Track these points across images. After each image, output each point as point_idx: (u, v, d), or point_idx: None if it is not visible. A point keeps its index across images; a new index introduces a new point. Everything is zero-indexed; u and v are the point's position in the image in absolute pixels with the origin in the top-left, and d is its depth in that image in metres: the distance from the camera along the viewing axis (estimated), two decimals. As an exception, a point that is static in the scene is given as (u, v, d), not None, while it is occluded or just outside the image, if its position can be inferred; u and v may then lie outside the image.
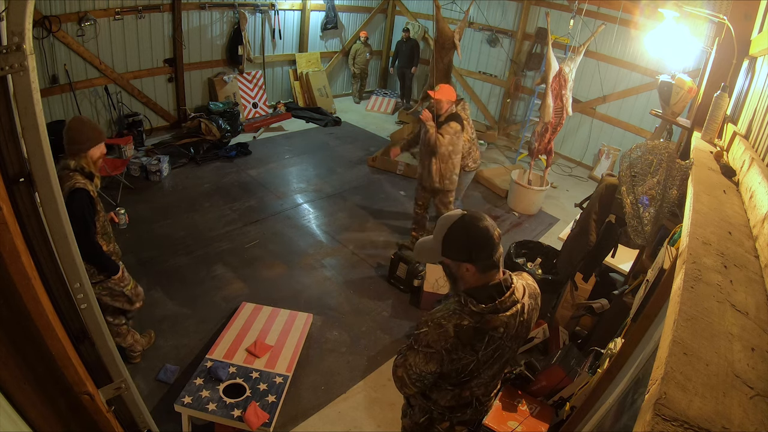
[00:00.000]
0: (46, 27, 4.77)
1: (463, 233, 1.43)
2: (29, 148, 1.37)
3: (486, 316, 1.44)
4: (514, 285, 1.50)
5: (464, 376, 1.55)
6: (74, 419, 1.59)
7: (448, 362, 1.47)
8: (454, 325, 1.44)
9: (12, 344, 1.34)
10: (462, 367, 1.50)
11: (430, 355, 1.47)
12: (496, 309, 1.44)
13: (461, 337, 1.44)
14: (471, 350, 1.47)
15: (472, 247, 1.42)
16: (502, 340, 1.50)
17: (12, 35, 1.20)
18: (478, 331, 1.45)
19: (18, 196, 1.41)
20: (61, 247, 1.54)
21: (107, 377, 1.86)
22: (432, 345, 1.45)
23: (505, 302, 1.46)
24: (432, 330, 1.46)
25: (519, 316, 1.50)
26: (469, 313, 1.44)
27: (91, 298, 1.70)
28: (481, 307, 1.43)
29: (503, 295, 1.45)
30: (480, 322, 1.44)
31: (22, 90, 1.28)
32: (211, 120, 6.19)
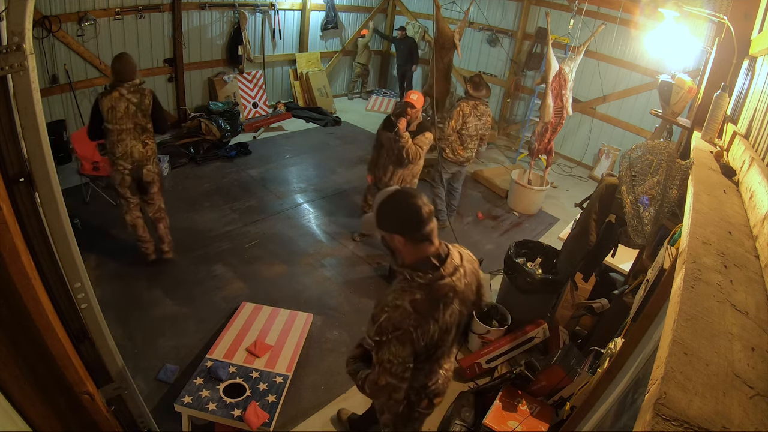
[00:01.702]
0: (46, 27, 4.77)
1: (393, 207, 1.56)
2: (29, 148, 1.37)
3: (434, 284, 1.54)
4: (450, 252, 1.62)
5: (432, 349, 1.64)
6: (74, 419, 1.59)
7: (418, 338, 1.53)
8: (410, 301, 1.51)
9: (12, 344, 1.34)
10: (431, 339, 1.58)
11: (402, 337, 1.51)
12: (442, 276, 1.55)
13: (420, 311, 1.52)
14: (433, 321, 1.56)
15: (400, 220, 1.55)
16: (454, 306, 1.62)
17: (12, 35, 1.21)
18: (433, 301, 1.55)
19: (18, 196, 1.41)
20: (61, 247, 1.54)
21: (107, 377, 1.86)
22: (399, 326, 1.50)
23: (448, 268, 1.57)
24: (392, 313, 1.51)
25: (463, 279, 1.63)
26: (417, 286, 1.54)
27: (91, 298, 1.70)
28: (428, 277, 1.54)
29: (443, 263, 1.56)
30: (431, 292, 1.54)
31: (22, 90, 1.28)
32: (211, 120, 6.20)
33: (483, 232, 5.19)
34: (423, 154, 3.85)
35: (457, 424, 2.71)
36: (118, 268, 3.86)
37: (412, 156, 3.77)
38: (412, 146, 3.73)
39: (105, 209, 4.62)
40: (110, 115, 3.27)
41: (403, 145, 3.71)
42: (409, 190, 1.58)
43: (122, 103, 3.27)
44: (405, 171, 3.93)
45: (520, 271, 3.40)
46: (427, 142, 3.80)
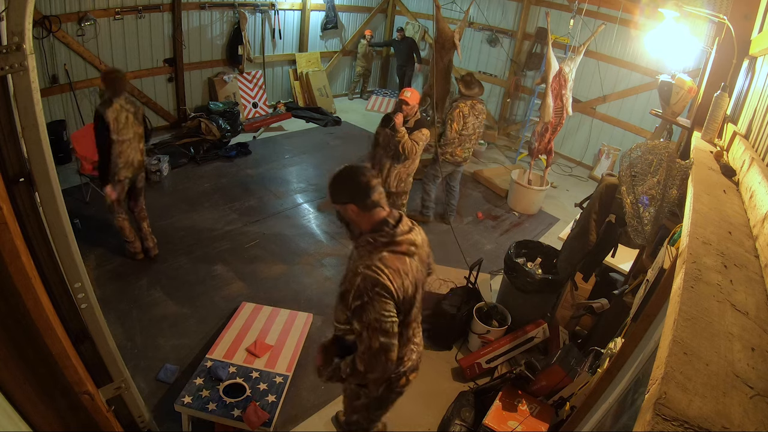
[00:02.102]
0: (46, 27, 4.77)
1: (341, 179, 1.71)
2: (29, 148, 1.37)
3: (396, 239, 1.66)
4: (403, 215, 1.76)
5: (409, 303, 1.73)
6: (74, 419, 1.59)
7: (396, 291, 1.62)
8: (379, 259, 1.62)
9: (12, 344, 1.34)
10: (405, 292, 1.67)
11: (383, 292, 1.59)
12: (400, 232, 1.68)
13: (390, 265, 1.62)
14: (404, 273, 1.66)
15: (350, 190, 1.68)
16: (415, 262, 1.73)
17: (12, 35, 1.21)
18: (399, 255, 1.66)
19: (18, 196, 1.41)
20: (61, 247, 1.54)
21: (107, 377, 1.86)
22: (377, 282, 1.59)
23: (404, 226, 1.71)
24: (366, 272, 1.60)
25: (419, 235, 1.78)
26: (382, 245, 1.65)
27: (91, 298, 1.70)
28: (389, 234, 1.66)
29: (399, 223, 1.70)
30: (395, 247, 1.66)
31: (22, 90, 1.28)
32: (211, 120, 6.19)
33: (483, 232, 5.19)
34: (419, 150, 3.87)
35: (457, 424, 2.71)
36: (118, 268, 3.86)
37: (408, 151, 3.80)
38: (408, 141, 3.77)
39: (105, 209, 4.61)
40: (115, 126, 3.36)
41: (399, 139, 3.75)
42: (353, 165, 1.73)
43: (123, 114, 3.38)
44: (401, 168, 3.94)
45: (520, 271, 3.40)
46: (423, 139, 3.83)
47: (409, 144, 3.78)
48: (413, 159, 3.93)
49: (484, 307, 3.52)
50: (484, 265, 3.89)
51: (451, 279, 3.90)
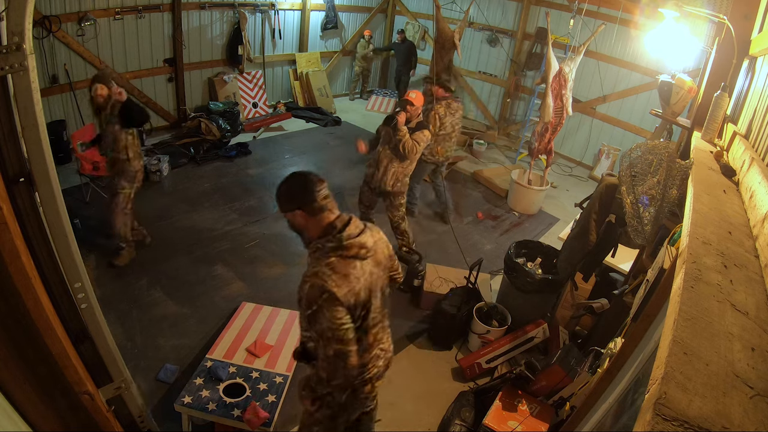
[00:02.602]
0: (46, 27, 4.77)
1: (286, 186, 1.70)
2: (29, 148, 1.37)
3: (343, 243, 1.63)
4: (352, 218, 1.73)
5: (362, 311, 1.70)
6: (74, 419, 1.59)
7: (344, 296, 1.59)
8: (326, 264, 1.61)
9: (12, 344, 1.34)
10: (356, 297, 1.64)
11: (330, 300, 1.56)
12: (349, 235, 1.65)
13: (338, 270, 1.61)
14: (354, 278, 1.64)
15: (295, 195, 1.67)
16: (369, 265, 1.71)
17: (12, 35, 1.21)
18: (348, 259, 1.64)
19: (18, 196, 1.41)
20: (61, 247, 1.54)
21: (107, 377, 1.86)
22: (325, 289, 1.56)
23: (353, 228, 1.68)
24: (313, 279, 1.58)
25: (372, 237, 1.74)
26: (330, 250, 1.63)
27: (91, 298, 1.70)
28: (336, 238, 1.63)
29: (347, 225, 1.67)
30: (343, 252, 1.63)
31: (22, 90, 1.28)
32: (211, 120, 6.20)
33: (483, 232, 5.19)
34: (419, 151, 3.88)
35: (457, 424, 2.71)
36: (118, 268, 3.86)
37: (409, 150, 3.81)
38: (409, 140, 3.78)
39: (105, 209, 4.62)
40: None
41: (400, 138, 3.76)
42: (300, 172, 1.71)
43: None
44: (398, 168, 3.94)
45: (520, 271, 3.40)
46: (424, 140, 3.84)
47: (410, 143, 3.79)
48: (412, 159, 3.94)
49: (484, 307, 3.52)
50: (484, 265, 3.89)
51: (451, 279, 3.90)
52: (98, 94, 3.45)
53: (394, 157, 3.90)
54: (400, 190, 4.06)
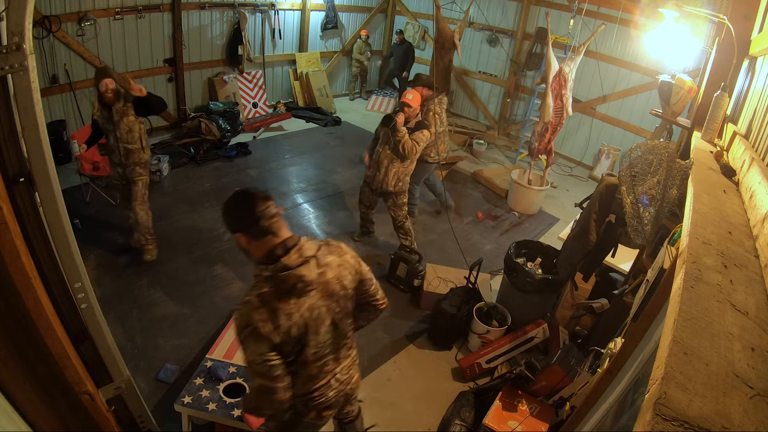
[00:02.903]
0: (46, 27, 4.77)
1: (229, 207, 1.55)
2: (29, 148, 1.37)
3: (278, 275, 1.49)
4: (300, 244, 1.56)
5: (294, 345, 1.58)
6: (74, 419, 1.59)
7: (270, 333, 1.49)
8: (257, 295, 1.50)
9: (12, 344, 1.34)
10: (286, 334, 1.53)
11: (254, 333, 1.48)
12: (285, 267, 1.50)
13: (268, 304, 1.49)
14: (284, 314, 1.51)
15: (236, 218, 1.55)
16: (311, 299, 1.57)
17: (12, 35, 1.21)
18: (280, 293, 1.51)
19: (18, 196, 1.41)
20: (61, 247, 1.54)
21: (107, 377, 1.86)
22: (249, 322, 1.48)
23: (292, 258, 1.52)
24: (243, 309, 1.51)
25: (318, 268, 1.58)
26: (264, 279, 1.51)
27: (91, 298, 1.70)
28: (271, 269, 1.50)
29: (287, 253, 1.52)
30: (277, 284, 1.50)
31: (22, 90, 1.28)
32: (211, 120, 6.20)
33: (483, 232, 5.19)
34: (419, 150, 3.88)
35: (457, 424, 2.71)
36: (118, 268, 3.86)
37: (409, 151, 3.81)
38: (408, 141, 3.78)
39: (105, 209, 4.62)
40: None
41: (399, 139, 3.76)
42: (245, 189, 1.57)
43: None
44: (400, 168, 3.94)
45: (520, 271, 3.40)
46: (424, 139, 3.85)
47: (409, 144, 3.79)
48: (412, 159, 3.94)
49: (484, 307, 3.52)
50: (484, 265, 3.89)
51: (451, 279, 3.90)
52: (109, 89, 3.44)
53: (394, 158, 3.90)
54: (401, 189, 4.06)
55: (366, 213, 4.46)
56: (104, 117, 3.56)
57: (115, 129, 3.56)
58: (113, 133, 3.58)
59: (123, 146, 3.61)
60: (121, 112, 3.54)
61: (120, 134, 3.58)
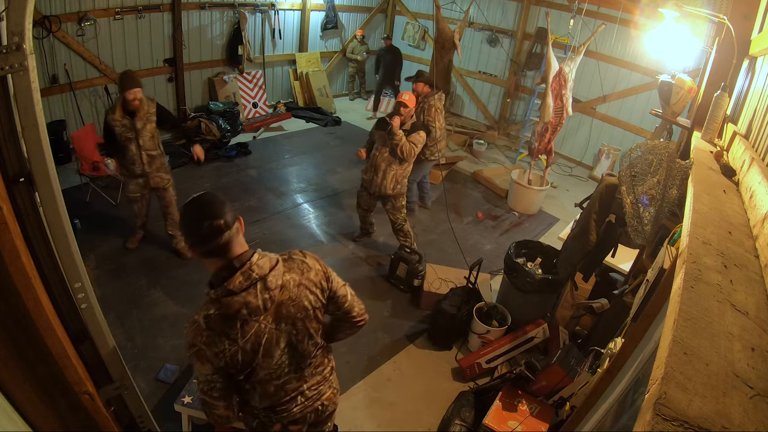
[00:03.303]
0: (46, 27, 4.77)
1: (183, 213, 1.40)
2: (29, 148, 1.37)
3: (222, 300, 1.38)
4: (251, 263, 1.42)
5: (242, 368, 1.50)
6: (74, 419, 1.59)
7: (214, 357, 1.42)
8: (204, 317, 1.42)
9: (12, 344, 1.34)
10: (231, 359, 1.45)
11: (198, 354, 1.43)
12: (228, 291, 1.38)
13: (213, 327, 1.41)
14: (228, 339, 1.42)
15: (184, 231, 1.41)
16: (258, 324, 1.45)
17: (12, 35, 1.21)
18: (225, 318, 1.40)
19: (18, 196, 1.41)
20: (61, 247, 1.54)
21: (107, 377, 1.86)
22: (194, 342, 1.42)
23: (236, 282, 1.38)
24: (189, 328, 1.44)
25: (264, 294, 1.42)
26: (211, 301, 1.42)
27: (91, 298, 1.70)
28: (215, 292, 1.40)
29: (232, 276, 1.38)
30: (221, 308, 1.40)
31: (22, 90, 1.28)
32: (211, 120, 6.20)
33: (483, 232, 5.19)
34: (417, 152, 3.87)
35: (457, 424, 2.71)
36: (118, 268, 3.86)
37: (407, 153, 3.79)
38: (406, 143, 3.76)
39: (105, 209, 4.62)
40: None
41: (397, 142, 3.74)
42: (203, 196, 1.40)
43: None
44: (398, 170, 3.92)
45: (520, 271, 3.40)
46: (420, 141, 3.83)
47: (407, 146, 3.77)
48: (410, 161, 3.93)
49: (484, 307, 3.52)
50: (484, 265, 3.89)
51: (451, 279, 3.90)
52: (137, 99, 3.33)
53: (392, 160, 3.88)
54: (400, 191, 4.05)
55: (365, 216, 4.44)
56: (125, 125, 3.39)
57: (137, 137, 3.43)
58: (135, 141, 3.43)
59: (147, 154, 3.49)
60: (145, 118, 3.43)
61: (143, 142, 3.45)
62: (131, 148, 3.45)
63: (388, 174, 3.92)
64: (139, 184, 3.64)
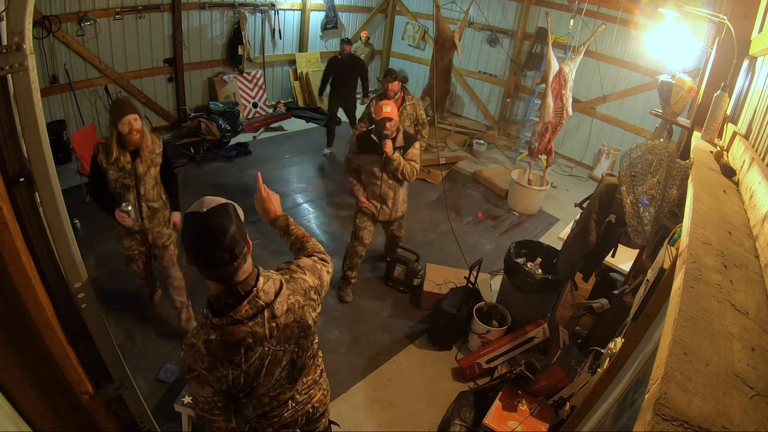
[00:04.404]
0: (46, 27, 4.77)
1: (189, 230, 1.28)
2: (29, 148, 1.37)
3: (226, 329, 1.31)
4: (257, 289, 1.34)
5: (243, 389, 1.46)
6: (74, 419, 1.59)
7: (216, 381, 1.37)
8: (203, 342, 1.34)
9: (12, 344, 1.34)
10: (233, 382, 1.40)
11: (199, 379, 1.37)
12: (234, 321, 1.31)
13: (214, 353, 1.33)
14: (230, 364, 1.36)
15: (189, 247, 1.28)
16: (264, 348, 1.39)
17: (12, 35, 1.21)
18: (228, 344, 1.33)
19: (18, 196, 1.41)
20: (61, 247, 1.54)
21: (107, 377, 1.86)
22: (193, 367, 1.36)
23: (242, 311, 1.31)
24: (187, 352, 1.37)
25: (271, 322, 1.36)
26: (211, 326, 1.34)
27: (91, 298, 1.70)
28: (217, 320, 1.32)
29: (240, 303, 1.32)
30: (224, 335, 1.32)
31: (22, 90, 1.28)
32: (211, 120, 6.20)
33: (483, 232, 5.19)
34: (419, 169, 3.48)
35: (457, 424, 2.71)
36: (118, 268, 3.86)
37: (410, 174, 3.36)
38: (406, 165, 3.33)
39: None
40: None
41: (396, 167, 3.30)
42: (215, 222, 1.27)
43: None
44: (403, 191, 3.58)
45: (520, 271, 3.40)
46: (418, 155, 3.44)
47: (408, 168, 3.34)
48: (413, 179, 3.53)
49: (484, 307, 3.52)
50: (484, 265, 3.89)
51: (451, 279, 3.90)
52: (135, 129, 2.56)
53: (396, 183, 3.48)
54: (406, 209, 3.80)
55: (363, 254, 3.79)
56: (121, 169, 2.62)
57: (138, 184, 2.68)
58: (134, 189, 2.69)
59: (148, 205, 2.77)
60: (149, 160, 2.67)
61: (145, 190, 2.71)
62: (128, 198, 2.70)
63: (398, 198, 3.55)
64: (136, 240, 2.89)
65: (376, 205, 3.54)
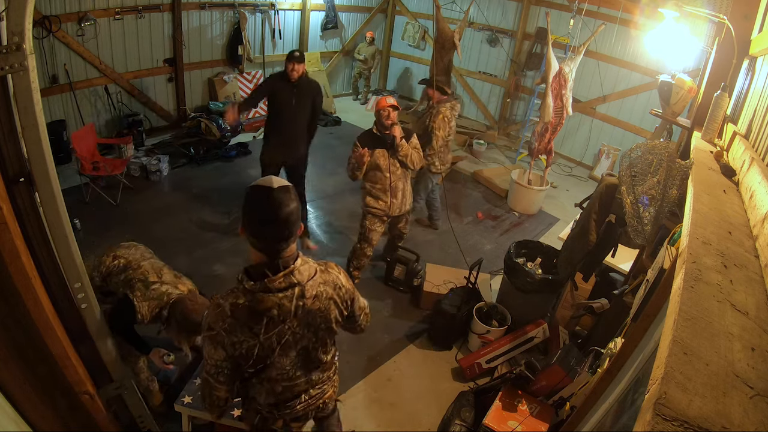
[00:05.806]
0: (46, 27, 4.77)
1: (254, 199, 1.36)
2: (29, 148, 1.37)
3: (257, 294, 1.39)
4: (294, 267, 1.43)
5: (255, 363, 1.50)
6: (74, 419, 1.59)
7: (230, 345, 1.43)
8: (231, 304, 1.42)
9: (12, 344, 1.34)
10: (246, 352, 1.45)
11: (215, 339, 1.43)
12: (266, 288, 1.39)
13: (237, 317, 1.41)
14: (249, 332, 1.43)
15: (251, 217, 1.37)
16: (284, 324, 1.46)
17: (12, 35, 1.21)
18: (253, 312, 1.41)
19: (18, 196, 1.41)
20: (61, 247, 1.54)
21: (107, 377, 1.86)
22: (212, 326, 1.42)
23: (276, 282, 1.39)
24: (212, 310, 1.44)
25: (299, 300, 1.43)
26: (243, 291, 1.42)
27: (91, 298, 1.70)
28: (251, 285, 1.39)
29: (274, 275, 1.39)
30: (253, 302, 1.40)
31: (22, 90, 1.28)
32: (211, 120, 6.19)
33: (483, 232, 5.19)
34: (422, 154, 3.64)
35: (457, 424, 2.71)
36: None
37: (418, 161, 3.48)
38: (413, 152, 3.44)
39: (105, 209, 4.62)
40: None
41: (405, 154, 3.41)
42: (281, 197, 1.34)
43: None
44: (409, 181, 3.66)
45: (520, 271, 3.40)
46: (417, 142, 3.55)
47: (416, 156, 3.45)
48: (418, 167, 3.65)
49: (484, 307, 3.52)
50: (484, 265, 3.89)
51: (451, 279, 3.90)
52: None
53: (405, 174, 3.58)
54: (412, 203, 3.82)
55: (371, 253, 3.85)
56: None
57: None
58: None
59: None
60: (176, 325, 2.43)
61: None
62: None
63: (407, 190, 3.65)
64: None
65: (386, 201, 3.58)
